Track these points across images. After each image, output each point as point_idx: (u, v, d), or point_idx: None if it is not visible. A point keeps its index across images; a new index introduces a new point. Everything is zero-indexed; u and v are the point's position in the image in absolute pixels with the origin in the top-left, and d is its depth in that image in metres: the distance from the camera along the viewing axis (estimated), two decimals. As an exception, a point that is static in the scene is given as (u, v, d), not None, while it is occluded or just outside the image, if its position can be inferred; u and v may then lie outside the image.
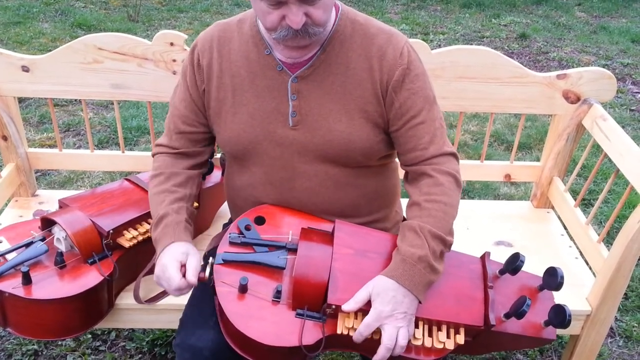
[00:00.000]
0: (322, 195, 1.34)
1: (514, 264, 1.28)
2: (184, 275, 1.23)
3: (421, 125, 1.28)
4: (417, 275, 1.17)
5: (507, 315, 1.24)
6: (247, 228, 1.32)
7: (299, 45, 1.21)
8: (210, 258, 1.28)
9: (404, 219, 1.55)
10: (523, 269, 1.30)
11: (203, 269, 1.25)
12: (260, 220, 1.34)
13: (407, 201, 1.31)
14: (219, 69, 1.33)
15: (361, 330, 1.16)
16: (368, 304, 1.17)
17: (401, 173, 1.51)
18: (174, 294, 1.25)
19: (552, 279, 1.27)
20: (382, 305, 1.15)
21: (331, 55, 1.28)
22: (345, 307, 1.16)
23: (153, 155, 1.44)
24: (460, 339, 1.21)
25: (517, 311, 1.20)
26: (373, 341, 1.19)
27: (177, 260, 1.23)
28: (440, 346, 1.20)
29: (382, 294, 1.16)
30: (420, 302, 1.19)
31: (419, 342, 1.20)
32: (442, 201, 1.24)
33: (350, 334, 1.17)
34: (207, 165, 1.50)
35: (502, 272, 1.32)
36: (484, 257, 1.33)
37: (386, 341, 1.15)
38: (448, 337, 1.21)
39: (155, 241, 1.31)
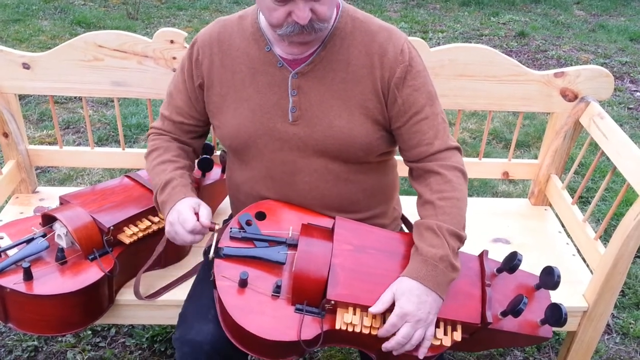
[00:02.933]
0: (322, 189, 1.35)
1: (511, 262, 1.29)
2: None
3: (425, 121, 1.30)
4: (440, 275, 1.19)
5: (504, 313, 1.25)
6: (248, 223, 1.33)
7: (304, 41, 1.23)
8: (211, 251, 1.29)
9: (403, 216, 1.57)
10: (520, 266, 1.31)
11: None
12: (261, 216, 1.35)
13: (417, 199, 1.32)
14: (220, 65, 1.34)
15: (387, 328, 1.17)
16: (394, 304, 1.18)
17: (401, 170, 1.52)
18: (187, 240, 1.29)
19: (549, 278, 1.28)
20: (407, 304, 1.16)
21: (332, 51, 1.29)
22: (373, 309, 1.18)
23: (148, 136, 1.49)
24: (457, 335, 1.22)
25: (514, 309, 1.22)
26: (372, 337, 1.20)
27: (191, 207, 1.30)
28: (438, 343, 1.21)
29: (407, 293, 1.17)
30: (443, 300, 1.20)
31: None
32: (454, 197, 1.26)
33: (349, 329, 1.18)
34: (199, 156, 1.55)
35: (499, 270, 1.33)
36: (481, 256, 1.34)
37: (399, 338, 1.16)
38: (445, 333, 1.22)
39: (162, 204, 1.34)
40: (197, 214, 1.30)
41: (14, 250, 1.43)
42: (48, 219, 1.50)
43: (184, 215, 1.28)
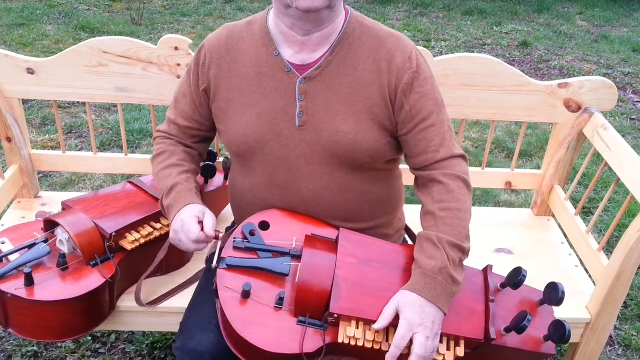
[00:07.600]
0: (327, 198, 1.35)
1: (516, 278, 1.29)
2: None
3: (431, 128, 1.29)
4: (439, 287, 1.18)
5: (508, 330, 1.24)
6: (252, 233, 1.32)
7: (317, 19, 1.22)
8: (214, 262, 1.28)
9: (407, 227, 1.56)
10: (523, 277, 1.30)
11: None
12: (264, 226, 1.34)
13: (420, 209, 1.32)
14: (228, 70, 1.34)
15: (396, 343, 1.15)
16: (396, 318, 1.17)
17: (406, 179, 1.52)
18: (190, 248, 1.30)
19: (554, 293, 1.27)
20: (411, 315, 1.15)
21: (339, 57, 1.29)
22: (377, 325, 1.17)
23: (154, 139, 1.50)
24: (460, 351, 1.21)
25: (518, 326, 1.21)
26: (374, 351, 1.19)
27: (195, 216, 1.30)
28: (440, 358, 1.19)
29: (410, 304, 1.16)
30: (445, 314, 1.19)
31: None
32: (456, 208, 1.25)
33: (352, 343, 1.17)
34: (204, 160, 1.55)
35: (503, 285, 1.32)
36: (486, 270, 1.33)
37: (418, 350, 1.14)
38: (448, 349, 1.21)
39: (168, 208, 1.35)
40: (201, 222, 1.30)
41: (15, 255, 1.43)
42: (50, 225, 1.50)
43: (188, 225, 1.28)
